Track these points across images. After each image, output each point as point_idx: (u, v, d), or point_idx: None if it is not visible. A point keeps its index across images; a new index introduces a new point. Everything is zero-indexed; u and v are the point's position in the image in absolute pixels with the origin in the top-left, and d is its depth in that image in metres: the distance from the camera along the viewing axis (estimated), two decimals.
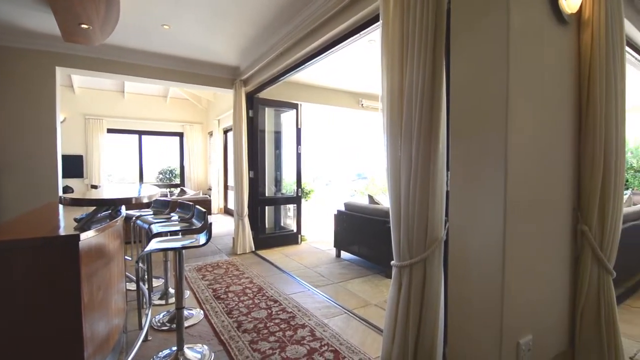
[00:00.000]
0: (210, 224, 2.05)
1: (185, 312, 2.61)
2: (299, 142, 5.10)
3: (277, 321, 2.53)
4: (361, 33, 2.66)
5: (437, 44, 1.63)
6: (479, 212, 1.57)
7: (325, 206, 9.60)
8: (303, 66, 3.53)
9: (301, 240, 5.18)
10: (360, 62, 4.42)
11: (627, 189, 8.98)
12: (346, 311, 2.72)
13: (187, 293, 3.09)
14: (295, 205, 5.20)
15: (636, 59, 3.13)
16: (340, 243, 4.35)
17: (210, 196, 7.31)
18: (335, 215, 4.41)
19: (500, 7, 1.48)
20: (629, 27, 2.61)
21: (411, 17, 1.67)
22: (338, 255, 4.41)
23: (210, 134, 8.71)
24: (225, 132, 8.27)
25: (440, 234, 1.69)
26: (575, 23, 1.85)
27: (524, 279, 1.60)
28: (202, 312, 2.70)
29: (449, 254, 1.72)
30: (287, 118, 5.45)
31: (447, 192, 1.72)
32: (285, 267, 3.95)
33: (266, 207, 5.16)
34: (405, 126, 1.70)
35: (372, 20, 2.46)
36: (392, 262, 1.79)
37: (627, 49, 2.59)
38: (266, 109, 5.18)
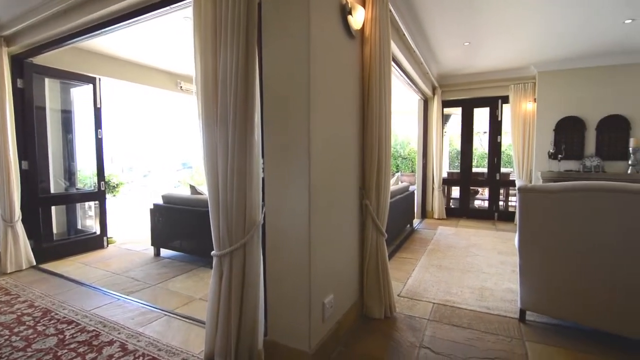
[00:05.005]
0: None
1: None
2: (99, 125, 4.20)
3: (73, 346, 2.06)
4: (173, 6, 2.40)
5: (250, 34, 1.66)
6: (289, 195, 1.73)
7: (143, 200, 8.43)
8: (100, 31, 2.88)
9: (108, 243, 4.35)
10: (176, 40, 4.02)
11: (397, 171, 12.06)
12: (166, 313, 2.49)
13: None
14: (97, 202, 4.30)
15: (399, 72, 4.17)
16: (159, 240, 3.92)
17: None
18: (151, 209, 3.92)
19: (303, 16, 1.63)
20: (394, 48, 3.45)
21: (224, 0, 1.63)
22: (157, 254, 3.97)
23: None
24: None
25: (258, 217, 1.77)
26: (360, 38, 2.27)
27: (325, 248, 1.89)
28: None
29: (266, 236, 1.83)
30: (82, 94, 4.38)
31: (264, 178, 1.81)
32: (85, 278, 3.23)
33: (53, 207, 4.03)
34: (220, 112, 1.67)
35: None
36: (212, 253, 1.76)
37: (393, 63, 3.42)
38: (47, 80, 4.00)
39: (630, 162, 4.68)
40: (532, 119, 5.43)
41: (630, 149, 4.65)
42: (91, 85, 4.22)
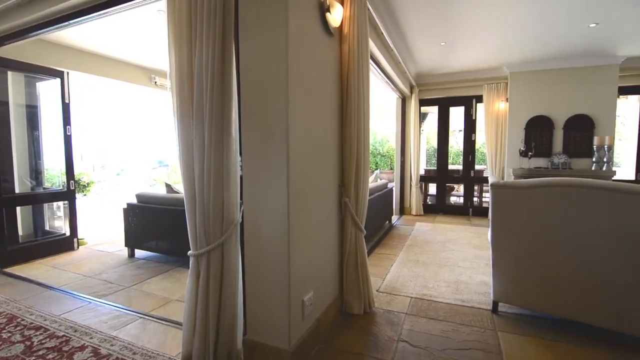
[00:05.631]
0: None
1: None
2: (67, 122, 4.00)
3: (41, 352, 1.96)
4: None
5: (226, 27, 1.63)
6: (268, 194, 1.72)
7: (116, 200, 8.13)
8: (68, 22, 2.74)
9: (79, 245, 4.17)
10: (150, 34, 3.89)
11: (376, 169, 12.20)
12: (141, 315, 2.42)
13: None
14: (66, 202, 4.11)
15: (377, 71, 4.21)
16: (133, 241, 3.80)
17: None
18: (124, 209, 3.79)
19: (281, 10, 1.61)
20: (372, 47, 3.48)
21: None
22: (131, 255, 3.84)
23: None
24: None
25: (236, 216, 1.74)
26: (338, 36, 2.28)
27: (305, 246, 1.89)
28: None
29: (244, 234, 1.81)
30: (48, 89, 4.16)
31: (242, 176, 1.78)
32: (54, 281, 3.09)
33: (18, 208, 3.82)
34: (196, 108, 1.63)
35: None
36: (189, 252, 1.72)
37: (371, 62, 3.45)
38: (10, 73, 3.77)
39: (594, 159, 4.95)
40: (504, 118, 5.63)
41: (594, 146, 4.91)
42: (59, 80, 4.02)
